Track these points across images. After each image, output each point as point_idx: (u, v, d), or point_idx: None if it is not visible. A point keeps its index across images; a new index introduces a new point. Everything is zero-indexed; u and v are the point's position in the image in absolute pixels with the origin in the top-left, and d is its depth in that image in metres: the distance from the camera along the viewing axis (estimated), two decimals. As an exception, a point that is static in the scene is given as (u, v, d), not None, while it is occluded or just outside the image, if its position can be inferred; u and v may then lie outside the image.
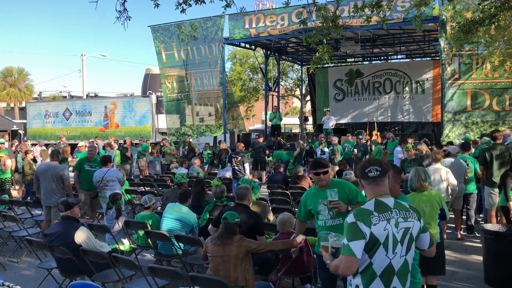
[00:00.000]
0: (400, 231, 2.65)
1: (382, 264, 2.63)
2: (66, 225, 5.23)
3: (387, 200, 2.72)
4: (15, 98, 40.89)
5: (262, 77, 29.11)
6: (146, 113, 23.38)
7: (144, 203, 6.46)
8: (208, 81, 19.71)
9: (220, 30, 18.55)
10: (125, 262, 4.83)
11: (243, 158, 11.41)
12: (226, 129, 19.36)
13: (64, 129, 25.46)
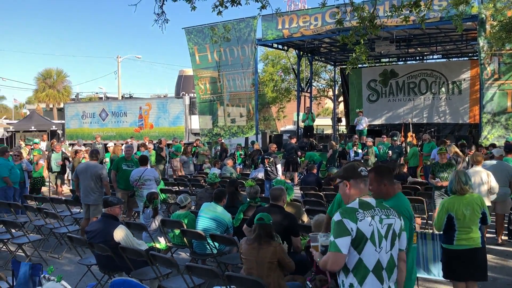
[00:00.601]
0: (384, 226, 2.76)
1: (372, 259, 2.71)
2: (105, 223, 5.38)
3: (369, 199, 2.87)
4: (54, 99, 42.21)
5: (294, 78, 29.04)
6: (179, 114, 23.68)
7: (180, 202, 6.55)
8: (241, 82, 19.83)
9: (253, 31, 18.64)
10: (162, 260, 4.92)
11: (276, 159, 11.42)
12: (258, 130, 19.40)
13: (100, 129, 26.08)
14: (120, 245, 5.21)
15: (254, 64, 19.17)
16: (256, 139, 18.66)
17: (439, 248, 5.12)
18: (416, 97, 21.84)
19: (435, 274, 5.26)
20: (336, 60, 24.55)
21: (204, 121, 21.61)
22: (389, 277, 2.77)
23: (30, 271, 4.15)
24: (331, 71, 28.36)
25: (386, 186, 3.50)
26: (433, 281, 5.68)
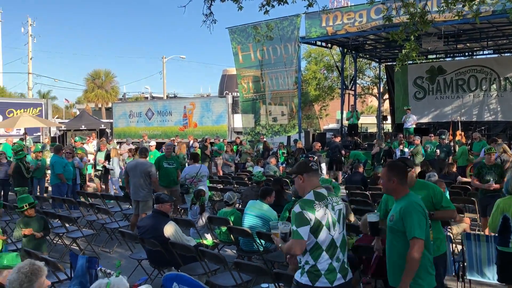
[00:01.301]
0: (336, 212, 3.31)
1: (326, 241, 3.22)
2: (156, 219, 5.53)
3: (321, 190, 3.36)
4: (102, 99, 43.70)
5: (337, 76, 28.69)
6: (222, 113, 23.91)
7: (228, 200, 6.63)
8: (283, 80, 19.82)
9: (297, 29, 18.57)
10: (211, 256, 5.00)
11: (320, 157, 11.37)
12: (301, 129, 19.32)
13: (147, 128, 26.74)
14: (170, 240, 5.34)
15: (297, 62, 19.10)
16: (299, 138, 18.59)
17: (494, 250, 4.94)
18: (465, 94, 21.04)
19: (489, 277, 5.08)
20: (381, 57, 24.05)
21: (247, 120, 21.75)
22: (342, 252, 3.34)
23: (87, 264, 4.33)
24: (376, 68, 27.79)
25: (395, 183, 3.54)
26: (487, 285, 5.48)
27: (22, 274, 2.83)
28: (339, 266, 3.29)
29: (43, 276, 2.93)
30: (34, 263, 2.91)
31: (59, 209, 9.50)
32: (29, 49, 34.05)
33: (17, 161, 10.12)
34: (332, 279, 3.24)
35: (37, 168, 11.21)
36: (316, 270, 3.24)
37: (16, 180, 10.14)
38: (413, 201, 3.45)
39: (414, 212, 3.38)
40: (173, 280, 3.58)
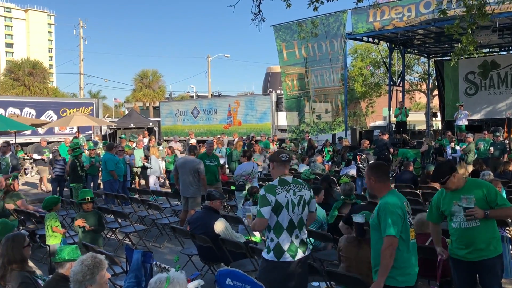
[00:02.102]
0: (297, 197, 3.81)
1: (285, 221, 3.76)
2: (207, 215, 5.62)
3: (287, 177, 3.89)
4: (150, 98, 44.88)
5: (384, 72, 28.06)
6: (266, 110, 23.96)
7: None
8: (329, 77, 19.59)
9: (343, 25, 18.30)
10: (260, 253, 5.02)
11: (368, 156, 11.14)
12: (347, 126, 19.04)
13: (192, 126, 27.23)
14: (220, 237, 5.41)
15: (343, 58, 18.82)
16: (345, 135, 18.33)
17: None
18: (521, 89, 20.05)
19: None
20: (430, 52, 23.28)
21: (291, 117, 21.68)
22: (300, 231, 3.85)
23: (142, 258, 4.45)
24: (425, 63, 26.98)
25: (373, 182, 3.75)
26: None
27: (85, 266, 2.94)
28: (299, 243, 3.85)
29: (104, 269, 3.03)
30: (96, 257, 3.02)
31: (111, 204, 9.84)
32: (80, 51, 35.38)
33: (73, 158, 10.55)
34: (294, 254, 3.78)
35: (91, 165, 11.65)
36: (279, 247, 3.78)
37: (72, 176, 10.57)
38: (389, 201, 3.56)
39: (388, 212, 3.49)
40: (227, 276, 3.62)
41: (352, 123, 20.24)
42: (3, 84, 47.34)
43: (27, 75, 45.09)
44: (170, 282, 2.86)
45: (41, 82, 46.57)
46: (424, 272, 4.83)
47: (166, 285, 2.86)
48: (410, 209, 3.68)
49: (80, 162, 10.67)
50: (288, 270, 3.77)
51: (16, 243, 3.83)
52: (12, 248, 3.77)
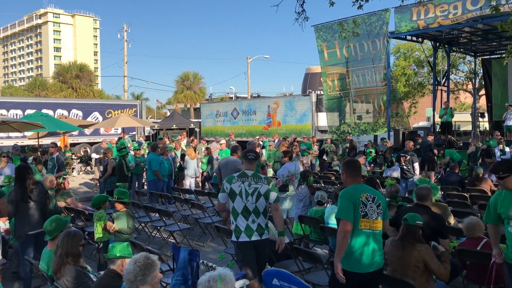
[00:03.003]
0: (251, 188, 4.63)
1: (240, 206, 4.63)
2: (251, 215, 5.62)
3: (248, 172, 4.77)
4: (190, 100, 45.65)
5: (428, 71, 27.31)
6: (306, 111, 23.81)
7: (321, 199, 6.60)
8: (371, 77, 19.26)
9: (385, 24, 17.95)
10: (305, 254, 5.00)
11: (413, 157, 10.88)
12: (390, 127, 18.65)
13: (232, 127, 27.44)
14: (264, 237, 5.40)
15: (386, 58, 18.45)
16: (388, 137, 17.96)
17: None
18: None
19: None
20: (477, 50, 22.45)
21: (332, 118, 21.46)
22: (256, 217, 4.65)
23: (188, 257, 4.52)
24: (471, 62, 26.04)
25: (345, 176, 4.14)
26: None
27: (137, 267, 2.99)
28: (255, 226, 4.64)
29: (155, 270, 3.06)
30: (149, 257, 3.05)
31: (156, 203, 10.05)
32: (124, 54, 36.40)
33: (120, 158, 10.85)
34: (249, 235, 4.61)
35: (136, 165, 11.95)
36: (238, 229, 4.65)
37: (118, 175, 10.87)
38: (345, 190, 3.99)
39: (342, 198, 3.88)
40: (274, 276, 3.62)
41: (395, 124, 19.81)
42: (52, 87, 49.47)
43: (74, 78, 46.91)
44: (222, 279, 2.89)
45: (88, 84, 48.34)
46: (476, 277, 4.69)
47: (219, 283, 2.88)
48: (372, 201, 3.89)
49: (126, 162, 10.95)
50: (246, 249, 4.62)
51: (75, 239, 3.99)
52: (71, 243, 3.94)
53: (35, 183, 5.85)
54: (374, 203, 3.89)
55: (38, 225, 5.51)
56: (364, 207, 3.83)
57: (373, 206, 3.87)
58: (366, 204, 3.85)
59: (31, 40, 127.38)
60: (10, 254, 6.72)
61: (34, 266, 4.94)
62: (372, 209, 3.86)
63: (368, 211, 3.84)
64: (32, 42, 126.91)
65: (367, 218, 3.82)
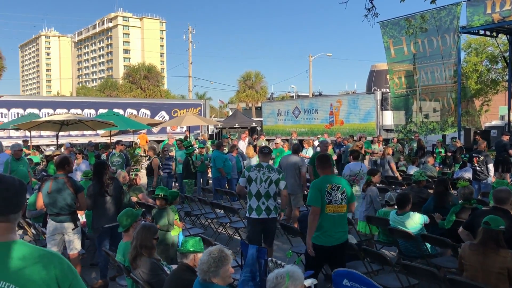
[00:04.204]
0: (265, 176, 5.80)
1: (254, 190, 5.81)
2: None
3: (263, 163, 5.96)
4: (252, 99, 46.10)
5: (503, 67, 25.74)
6: (370, 110, 23.26)
7: (389, 199, 6.43)
8: (440, 74, 18.46)
9: (456, 19, 17.13)
10: (374, 255, 4.89)
11: (487, 158, 10.30)
12: (460, 126, 17.78)
13: (293, 126, 27.39)
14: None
15: (457, 54, 17.61)
16: (458, 136, 17.13)
17: None
18: None
19: None
20: (559, 43, 20.82)
21: (398, 116, 20.80)
22: (266, 200, 5.80)
23: (256, 254, 4.58)
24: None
25: (319, 169, 5.04)
26: None
27: (211, 258, 3.08)
28: (264, 207, 5.80)
29: (228, 264, 3.14)
30: (223, 251, 3.14)
31: (220, 200, 10.25)
32: (189, 55, 37.43)
33: (186, 155, 11.17)
34: (258, 213, 5.80)
35: (201, 163, 12.25)
36: (250, 207, 5.87)
37: (185, 173, 11.21)
38: (316, 181, 4.93)
39: (312, 188, 4.84)
40: (344, 277, 3.58)
41: (465, 123, 18.85)
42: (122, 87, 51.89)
43: (143, 79, 48.93)
44: (290, 276, 2.90)
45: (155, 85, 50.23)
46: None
47: (287, 280, 2.89)
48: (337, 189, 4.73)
49: (192, 160, 11.26)
50: (254, 224, 5.87)
51: (150, 232, 4.17)
52: (146, 235, 4.12)
53: (111, 178, 6.17)
54: (338, 191, 4.74)
55: (113, 218, 5.80)
56: (329, 195, 4.70)
57: (337, 193, 4.72)
58: (330, 193, 4.71)
59: (103, 43, 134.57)
60: (87, 245, 7.13)
61: (110, 257, 5.21)
62: (336, 196, 4.71)
63: (333, 198, 4.71)
64: (104, 45, 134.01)
65: (331, 204, 4.69)
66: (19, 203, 1.80)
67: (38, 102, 23.54)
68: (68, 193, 5.50)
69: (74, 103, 24.12)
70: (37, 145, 20.50)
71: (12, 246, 1.72)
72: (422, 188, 7.51)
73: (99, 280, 5.93)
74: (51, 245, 5.56)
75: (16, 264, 1.68)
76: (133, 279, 4.10)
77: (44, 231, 5.94)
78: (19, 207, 1.80)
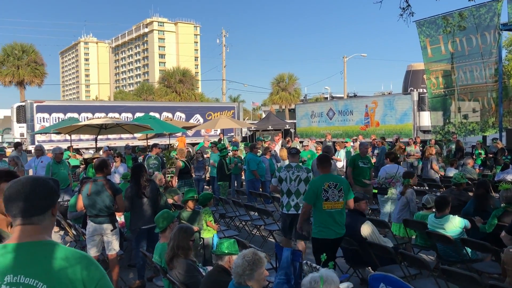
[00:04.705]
0: (294, 175, 6.34)
1: (285, 189, 6.39)
2: (353, 218, 5.53)
3: (292, 163, 6.51)
4: (285, 101, 46.04)
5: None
6: (407, 110, 22.81)
7: (426, 203, 6.28)
8: (480, 73, 17.87)
9: (497, 16, 16.55)
10: (411, 259, 4.79)
11: (531, 159, 9.89)
12: (502, 127, 17.15)
13: (328, 127, 27.14)
14: (367, 240, 5.29)
15: (498, 52, 17.00)
16: (500, 137, 16.54)
17: None
18: None
19: None
20: None
21: (436, 117, 20.28)
22: (296, 197, 6.35)
23: (291, 256, 4.56)
24: None
25: (319, 168, 5.62)
26: None
27: (246, 261, 3.10)
28: (293, 204, 6.34)
29: (262, 267, 3.15)
30: (257, 254, 3.15)
31: (254, 202, 10.27)
32: (223, 58, 37.75)
33: (220, 158, 11.25)
34: (288, 209, 6.39)
35: (234, 165, 12.31)
36: (282, 204, 6.52)
37: (219, 175, 11.29)
38: (314, 180, 5.70)
39: (309, 186, 5.60)
40: (380, 281, 3.52)
41: (507, 124, 18.18)
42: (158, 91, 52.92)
43: (178, 83, 49.75)
44: (324, 281, 2.88)
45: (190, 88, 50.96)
46: None
47: (321, 284, 2.88)
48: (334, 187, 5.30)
49: (227, 162, 11.33)
50: (285, 218, 6.54)
51: (186, 234, 4.24)
52: (183, 237, 4.18)
53: (148, 181, 6.30)
54: (336, 188, 5.29)
55: (150, 220, 5.92)
56: (326, 193, 5.27)
57: (335, 191, 5.28)
58: (327, 191, 5.28)
59: (139, 48, 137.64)
60: (125, 246, 7.29)
61: (147, 258, 5.31)
62: (333, 194, 5.27)
63: (330, 195, 5.27)
64: (140, 50, 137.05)
65: (328, 201, 5.26)
66: (44, 206, 1.84)
67: (77, 106, 24.30)
68: (106, 195, 5.65)
69: (112, 107, 24.76)
70: (77, 148, 21.16)
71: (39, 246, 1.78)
72: (462, 191, 7.31)
73: (137, 281, 6.05)
74: (90, 246, 5.72)
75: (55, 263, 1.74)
76: (170, 280, 4.17)
77: (84, 232, 6.11)
78: (44, 209, 1.84)
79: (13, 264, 1.72)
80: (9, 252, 1.74)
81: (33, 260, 1.74)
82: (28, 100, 22.24)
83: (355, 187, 8.91)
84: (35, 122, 21.64)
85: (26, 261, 1.73)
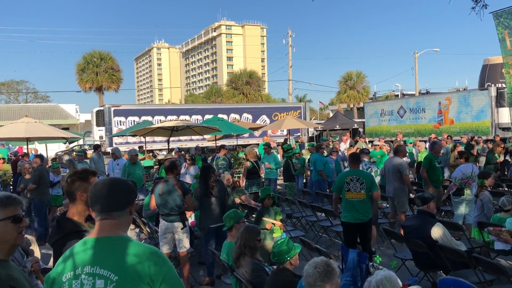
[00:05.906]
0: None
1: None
2: (422, 220, 5.36)
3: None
4: (354, 99, 45.09)
5: None
6: (484, 107, 21.55)
7: (502, 205, 5.93)
8: None
9: None
10: (487, 264, 4.56)
11: None
12: None
13: (398, 126, 26.27)
14: (438, 243, 5.10)
15: None
16: None
17: None
18: None
19: None
20: None
21: (516, 114, 18.95)
22: None
23: (357, 258, 4.53)
24: None
25: (350, 164, 6.65)
26: None
27: (317, 272, 2.97)
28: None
29: (334, 278, 3.00)
30: (330, 265, 3.01)
31: (321, 203, 10.21)
32: (289, 58, 37.74)
33: (286, 158, 11.30)
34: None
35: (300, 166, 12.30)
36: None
37: (285, 175, 11.35)
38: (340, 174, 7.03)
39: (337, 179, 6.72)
40: (451, 286, 3.40)
41: None
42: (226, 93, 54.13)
43: (245, 85, 50.57)
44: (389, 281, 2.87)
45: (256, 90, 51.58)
46: None
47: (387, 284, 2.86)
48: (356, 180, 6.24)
49: (293, 163, 11.36)
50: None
51: (253, 233, 4.35)
52: (249, 236, 4.30)
53: (216, 181, 6.50)
54: (358, 182, 6.23)
55: (218, 219, 6.10)
56: (348, 185, 6.28)
57: (357, 183, 6.22)
58: (349, 183, 6.27)
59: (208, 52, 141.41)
60: (196, 244, 7.57)
61: (216, 256, 5.49)
62: (355, 186, 6.23)
63: (351, 187, 6.25)
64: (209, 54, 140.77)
65: (350, 191, 6.25)
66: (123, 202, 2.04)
67: (151, 110, 25.45)
68: (177, 195, 5.90)
69: (183, 110, 25.68)
70: (151, 150, 22.19)
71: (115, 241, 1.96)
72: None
73: (207, 278, 6.27)
74: (162, 243, 6.01)
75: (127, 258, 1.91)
76: (237, 278, 4.29)
77: (157, 230, 6.43)
78: (123, 206, 2.04)
79: (91, 257, 1.93)
80: (89, 248, 1.95)
81: (109, 254, 1.93)
82: (106, 105, 23.65)
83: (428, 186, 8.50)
84: (112, 125, 22.99)
85: (103, 254, 1.93)
